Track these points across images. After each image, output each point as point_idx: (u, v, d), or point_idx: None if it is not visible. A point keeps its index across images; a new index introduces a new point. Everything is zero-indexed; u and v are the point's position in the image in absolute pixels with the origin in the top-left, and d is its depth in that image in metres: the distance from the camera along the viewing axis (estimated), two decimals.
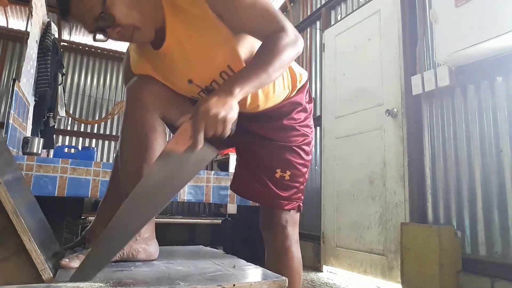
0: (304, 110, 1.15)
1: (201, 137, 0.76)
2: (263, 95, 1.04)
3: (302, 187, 1.13)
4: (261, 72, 0.84)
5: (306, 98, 1.16)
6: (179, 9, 0.91)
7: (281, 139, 1.10)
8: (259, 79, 0.84)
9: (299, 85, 1.13)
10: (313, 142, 1.20)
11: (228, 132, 0.79)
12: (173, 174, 0.79)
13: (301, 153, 1.12)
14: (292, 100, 1.11)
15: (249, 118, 1.08)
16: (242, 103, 0.90)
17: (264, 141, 1.11)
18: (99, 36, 0.88)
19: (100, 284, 0.66)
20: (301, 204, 1.13)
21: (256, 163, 1.12)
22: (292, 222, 1.11)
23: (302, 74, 1.14)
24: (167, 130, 1.09)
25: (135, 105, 1.00)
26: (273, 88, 1.06)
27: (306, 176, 1.15)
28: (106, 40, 0.90)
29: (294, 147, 1.11)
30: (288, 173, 1.09)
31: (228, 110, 0.78)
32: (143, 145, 0.98)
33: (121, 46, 5.71)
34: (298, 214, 1.14)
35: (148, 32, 0.92)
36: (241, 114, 0.87)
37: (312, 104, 1.21)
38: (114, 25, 0.86)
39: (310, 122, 1.18)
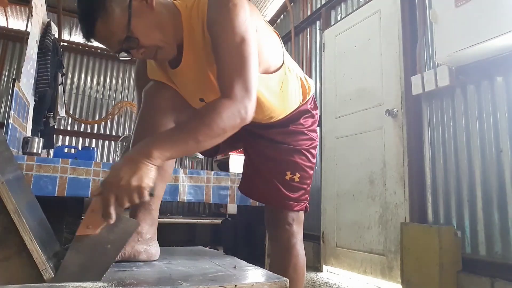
0: (311, 116, 1.20)
1: (111, 210, 0.70)
2: (279, 110, 1.09)
3: (309, 188, 1.17)
4: (190, 139, 0.78)
5: (311, 105, 1.21)
6: (194, 33, 0.93)
7: (290, 142, 1.13)
8: (185, 146, 0.77)
9: (308, 97, 1.18)
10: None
11: (146, 198, 0.72)
12: (93, 257, 0.71)
13: (309, 156, 1.16)
14: (300, 109, 1.16)
15: (257, 125, 1.12)
16: (257, 116, 0.92)
17: (274, 144, 1.14)
18: (123, 54, 0.89)
19: (103, 284, 0.66)
20: (308, 205, 1.17)
21: (266, 165, 1.14)
22: (298, 221, 1.14)
23: (310, 86, 1.19)
24: None
25: (151, 108, 1.02)
26: (288, 102, 1.10)
27: (312, 178, 1.19)
28: (130, 58, 0.91)
29: (302, 150, 1.15)
30: (298, 175, 1.13)
31: (141, 178, 0.71)
32: None
33: None
34: (303, 214, 1.17)
35: (171, 50, 0.94)
36: (251, 122, 0.87)
37: (317, 110, 1.25)
38: (138, 46, 0.88)
39: (316, 127, 1.23)
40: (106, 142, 5.49)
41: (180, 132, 0.79)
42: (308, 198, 1.17)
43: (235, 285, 0.69)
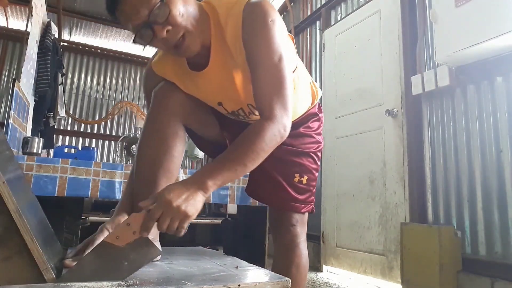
0: (318, 119, 1.23)
1: (151, 226, 0.71)
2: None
3: (314, 190, 1.19)
4: (238, 166, 0.81)
5: (318, 109, 1.24)
6: (225, 39, 0.92)
7: (298, 145, 1.15)
8: (235, 173, 0.81)
9: (316, 101, 1.21)
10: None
11: (182, 232, 0.73)
12: (108, 267, 0.72)
13: (316, 158, 1.18)
14: (309, 112, 1.19)
15: None
16: None
17: (282, 146, 1.13)
18: (142, 36, 0.84)
19: (108, 284, 0.66)
20: (313, 206, 1.18)
21: (275, 167, 1.14)
22: (302, 222, 1.15)
23: (318, 90, 1.22)
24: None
25: (161, 109, 1.00)
26: (298, 107, 1.12)
27: (316, 181, 1.22)
28: (146, 45, 0.86)
29: (310, 153, 1.17)
30: (305, 177, 1.14)
31: (192, 208, 0.73)
32: (163, 150, 0.98)
33: (121, 47, 5.70)
34: (307, 215, 1.18)
35: (197, 42, 0.89)
36: None
37: (322, 113, 1.28)
38: (166, 21, 0.82)
39: (322, 130, 1.26)
40: (106, 142, 5.50)
41: (228, 161, 0.81)
42: (314, 200, 1.19)
43: (239, 285, 0.69)
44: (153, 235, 0.97)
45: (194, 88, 1.02)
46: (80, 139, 5.33)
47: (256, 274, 0.83)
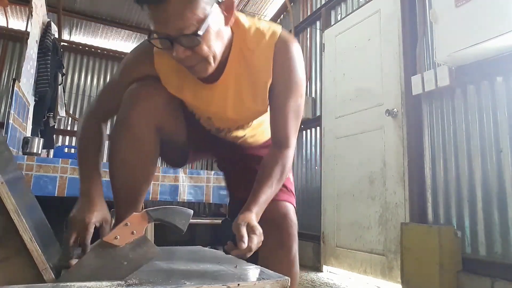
0: None
1: (253, 249, 0.85)
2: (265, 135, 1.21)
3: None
4: (272, 194, 0.97)
5: None
6: (246, 59, 0.93)
7: None
8: (270, 198, 0.97)
9: None
10: None
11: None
12: (108, 267, 0.73)
13: None
14: None
15: (245, 147, 1.23)
16: (251, 141, 1.16)
17: (262, 148, 1.23)
18: (158, 41, 0.83)
19: (107, 284, 0.66)
20: None
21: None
22: (295, 219, 1.15)
23: None
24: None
25: (141, 114, 0.98)
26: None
27: None
28: (158, 48, 0.85)
29: None
30: (291, 173, 1.21)
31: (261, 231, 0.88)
32: (143, 158, 1.02)
33: (121, 47, 5.70)
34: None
35: (211, 70, 0.89)
36: (241, 145, 1.10)
37: None
38: (190, 49, 0.81)
39: None
40: (106, 142, 5.49)
41: (266, 189, 0.95)
42: None
43: (238, 284, 0.69)
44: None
45: (191, 96, 1.00)
46: None
47: (255, 273, 0.83)
